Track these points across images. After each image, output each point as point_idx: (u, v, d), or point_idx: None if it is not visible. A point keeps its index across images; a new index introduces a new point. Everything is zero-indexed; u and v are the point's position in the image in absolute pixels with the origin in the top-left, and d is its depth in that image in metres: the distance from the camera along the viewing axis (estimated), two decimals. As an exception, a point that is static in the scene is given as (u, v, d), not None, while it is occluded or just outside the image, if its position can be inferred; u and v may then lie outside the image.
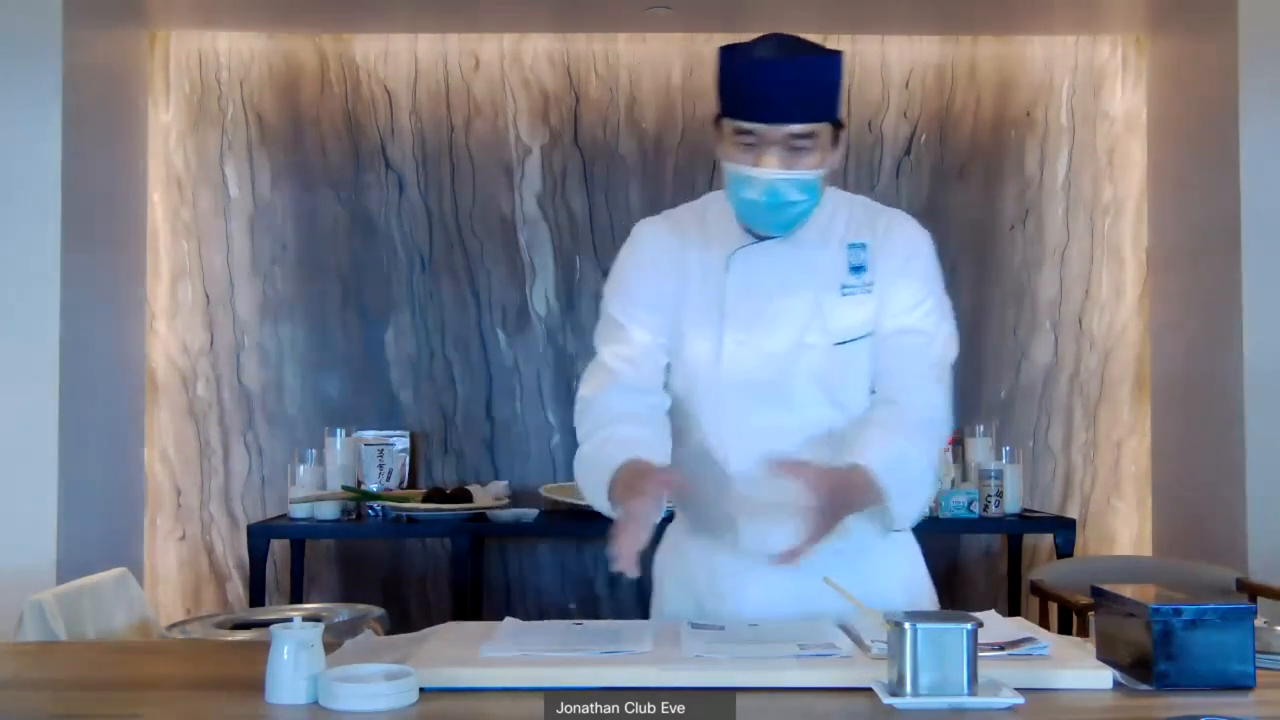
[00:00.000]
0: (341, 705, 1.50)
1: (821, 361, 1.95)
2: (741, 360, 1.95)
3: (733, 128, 1.89)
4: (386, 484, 4.21)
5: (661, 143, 4.44)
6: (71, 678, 1.81)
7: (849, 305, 1.96)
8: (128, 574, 2.62)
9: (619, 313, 2.03)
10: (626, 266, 2.05)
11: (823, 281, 1.96)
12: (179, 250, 4.39)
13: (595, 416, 1.98)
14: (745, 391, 1.96)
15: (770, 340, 1.95)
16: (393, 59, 4.43)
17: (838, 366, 1.96)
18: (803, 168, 1.87)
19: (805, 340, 1.95)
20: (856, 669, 1.62)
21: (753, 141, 1.87)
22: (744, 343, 1.95)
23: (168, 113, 4.40)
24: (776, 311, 1.95)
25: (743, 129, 1.87)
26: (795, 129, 1.85)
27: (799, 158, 1.86)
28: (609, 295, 2.06)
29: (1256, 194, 3.77)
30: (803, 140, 1.86)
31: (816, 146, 1.88)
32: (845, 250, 1.98)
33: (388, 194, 4.42)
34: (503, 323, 4.42)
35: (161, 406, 4.37)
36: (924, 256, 2.02)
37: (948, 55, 4.47)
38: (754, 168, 1.87)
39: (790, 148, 1.86)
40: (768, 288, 1.96)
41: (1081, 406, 4.47)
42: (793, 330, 1.95)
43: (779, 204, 1.89)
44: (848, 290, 1.96)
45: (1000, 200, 4.48)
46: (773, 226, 1.94)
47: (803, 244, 1.97)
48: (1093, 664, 1.67)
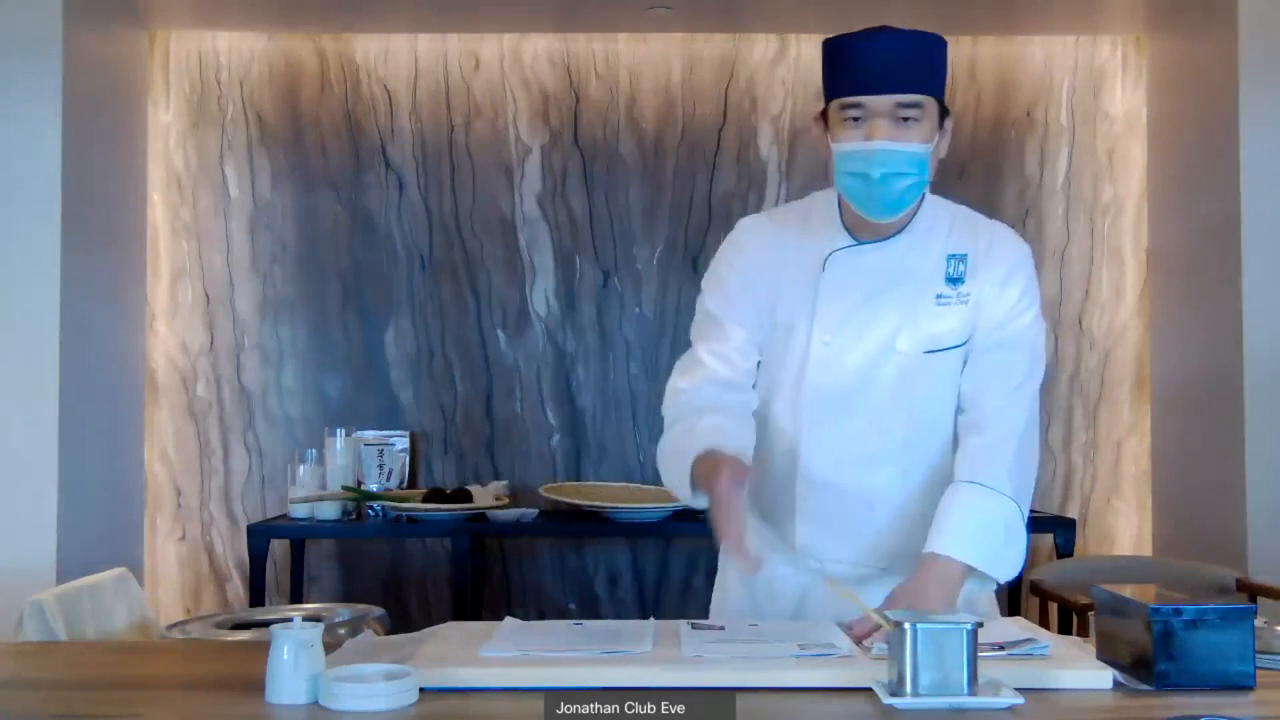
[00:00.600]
0: (341, 705, 1.50)
1: (908, 369, 1.94)
2: (828, 361, 1.95)
3: (839, 105, 1.89)
4: (386, 484, 4.21)
5: (661, 143, 4.43)
6: (71, 678, 1.81)
7: (943, 315, 1.94)
8: (128, 574, 2.62)
9: (716, 308, 2.02)
10: (726, 263, 2.04)
11: (918, 289, 1.95)
12: (179, 250, 4.39)
13: (682, 406, 1.97)
14: (827, 393, 1.95)
15: (859, 343, 1.94)
16: (393, 59, 4.43)
17: (924, 376, 1.94)
18: (911, 140, 1.86)
19: (895, 346, 1.94)
20: (856, 669, 1.62)
21: (860, 115, 1.87)
22: (832, 344, 1.94)
23: (168, 113, 4.40)
24: (868, 315, 1.94)
25: (850, 103, 1.87)
26: (902, 98, 1.86)
27: (906, 129, 1.86)
28: (707, 290, 2.05)
29: (1256, 194, 3.77)
30: (909, 110, 1.86)
31: (924, 119, 1.87)
32: (944, 260, 1.96)
33: (388, 194, 4.42)
34: (503, 323, 4.42)
35: (161, 406, 4.37)
36: (1026, 274, 1.99)
37: (948, 55, 4.46)
38: (862, 142, 1.86)
39: (897, 119, 1.86)
40: (862, 291, 1.95)
41: (1081, 406, 4.47)
42: (883, 335, 1.94)
43: (887, 176, 1.86)
44: (943, 300, 1.95)
45: (1000, 200, 4.47)
46: (880, 206, 1.90)
47: (901, 249, 1.96)
48: (1093, 664, 1.67)
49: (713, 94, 4.43)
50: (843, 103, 1.88)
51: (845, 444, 1.94)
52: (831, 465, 1.95)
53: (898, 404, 1.94)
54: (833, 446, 1.95)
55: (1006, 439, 1.91)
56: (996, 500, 1.87)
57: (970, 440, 1.92)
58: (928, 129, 1.88)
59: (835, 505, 1.96)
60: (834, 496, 1.96)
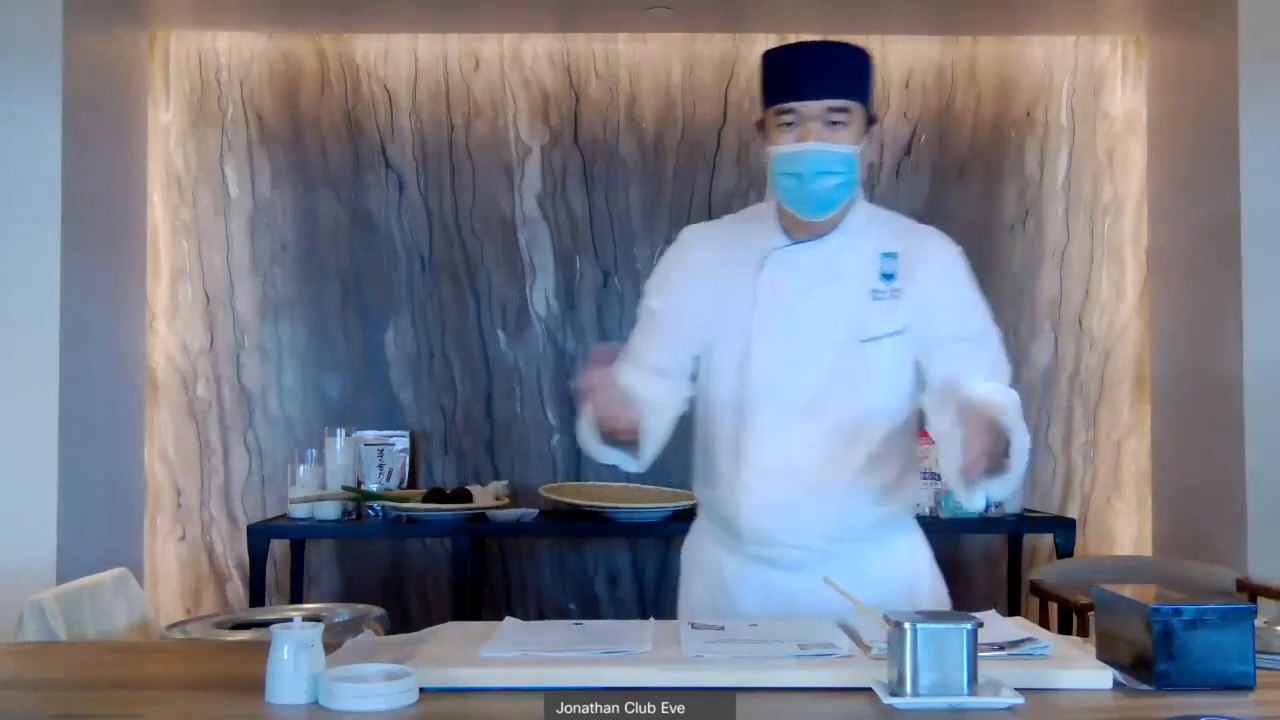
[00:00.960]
0: (341, 705, 1.50)
1: (845, 359, 2.05)
2: (768, 353, 2.06)
3: (775, 111, 2.04)
4: (386, 484, 4.21)
5: (661, 143, 4.43)
6: (71, 678, 1.81)
7: (877, 308, 2.06)
8: (128, 574, 2.62)
9: (657, 306, 2.16)
10: (669, 265, 2.20)
11: (853, 284, 2.07)
12: (179, 250, 4.39)
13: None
14: (768, 382, 2.06)
15: (797, 335, 2.05)
16: (393, 59, 4.43)
17: (861, 365, 2.05)
18: (839, 142, 2.02)
19: (831, 339, 2.05)
20: (856, 669, 1.62)
21: (793, 120, 2.02)
22: (771, 337, 2.06)
23: (168, 113, 4.40)
24: (805, 308, 2.06)
25: (784, 109, 2.02)
26: (832, 103, 2.01)
27: (835, 132, 2.02)
28: (650, 290, 2.20)
29: (1256, 194, 3.77)
30: (839, 114, 2.02)
31: (852, 123, 2.03)
32: (878, 257, 2.08)
33: (388, 194, 4.42)
34: (503, 323, 4.42)
35: (161, 406, 4.37)
36: (960, 269, 2.12)
37: (948, 55, 4.47)
38: (794, 144, 2.01)
39: (828, 123, 2.01)
40: (798, 288, 2.07)
41: (1081, 406, 4.47)
42: (819, 326, 2.05)
43: (818, 173, 2.01)
44: (878, 295, 2.07)
45: (1000, 200, 4.48)
46: (812, 204, 2.04)
47: (834, 247, 2.08)
48: (1093, 664, 1.67)
49: (713, 94, 4.43)
50: (778, 109, 2.03)
51: (786, 428, 2.04)
52: (773, 449, 2.05)
53: (835, 391, 2.05)
54: (774, 431, 2.05)
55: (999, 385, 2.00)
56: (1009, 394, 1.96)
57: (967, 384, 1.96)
58: (855, 132, 2.04)
59: (779, 489, 2.05)
60: (776, 478, 2.05)
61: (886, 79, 4.45)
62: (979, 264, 4.63)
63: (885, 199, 4.42)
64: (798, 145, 2.00)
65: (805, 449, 2.04)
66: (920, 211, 4.43)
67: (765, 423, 2.05)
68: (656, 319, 2.15)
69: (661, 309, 2.15)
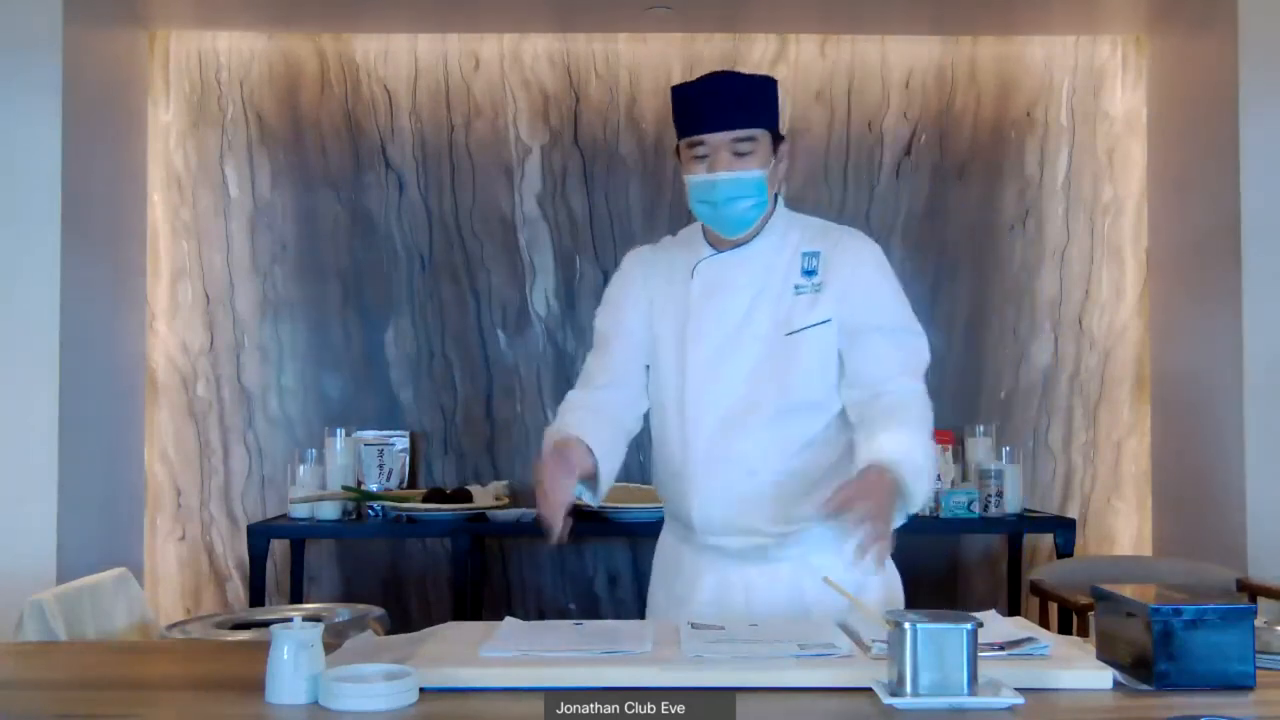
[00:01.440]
0: (341, 705, 1.50)
1: (772, 350, 2.18)
2: (701, 351, 2.20)
3: (686, 144, 2.18)
4: (386, 484, 4.21)
5: (661, 143, 4.43)
6: (71, 678, 1.81)
7: (800, 302, 2.19)
8: (128, 574, 2.62)
9: (604, 327, 2.32)
10: (613, 287, 2.35)
11: (777, 282, 2.20)
12: (179, 250, 4.39)
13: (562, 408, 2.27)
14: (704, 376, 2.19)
15: (727, 331, 2.19)
16: (393, 59, 4.43)
17: (789, 355, 2.17)
18: (747, 168, 2.15)
19: (759, 332, 2.18)
20: (856, 669, 1.62)
21: (704, 153, 2.15)
22: (703, 338, 2.20)
23: (168, 113, 4.40)
24: (733, 307, 2.20)
25: (694, 142, 2.16)
26: (737, 134, 2.14)
27: (743, 160, 2.15)
28: (599, 313, 2.35)
29: (1256, 194, 3.77)
30: (744, 145, 2.15)
31: (758, 150, 2.16)
32: (799, 256, 2.22)
33: (388, 194, 4.42)
34: (503, 323, 4.42)
35: (161, 406, 4.37)
36: (875, 263, 2.23)
37: (948, 55, 4.47)
38: (705, 174, 2.15)
39: (735, 153, 2.14)
40: (726, 289, 2.21)
41: (1081, 406, 4.47)
42: (747, 325, 2.19)
43: (729, 198, 2.15)
44: (800, 290, 2.19)
45: (1000, 200, 4.47)
46: (728, 226, 2.20)
47: (757, 252, 2.22)
48: (1093, 664, 1.67)
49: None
50: (689, 141, 2.17)
51: (723, 417, 2.17)
52: (712, 437, 2.17)
53: (766, 380, 2.17)
54: (712, 420, 2.18)
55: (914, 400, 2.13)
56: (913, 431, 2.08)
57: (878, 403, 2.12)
58: (763, 156, 2.17)
59: (720, 475, 2.17)
60: (718, 466, 2.17)
61: (886, 79, 4.46)
62: (979, 264, 4.68)
63: (885, 199, 4.43)
64: (708, 175, 2.15)
65: (741, 438, 2.16)
66: (920, 211, 4.44)
67: (703, 416, 2.18)
68: (605, 339, 2.31)
69: (607, 329, 2.31)
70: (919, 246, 4.40)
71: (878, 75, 4.46)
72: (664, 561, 2.36)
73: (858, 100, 4.44)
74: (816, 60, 4.45)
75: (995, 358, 4.45)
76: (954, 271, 4.42)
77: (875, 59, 4.46)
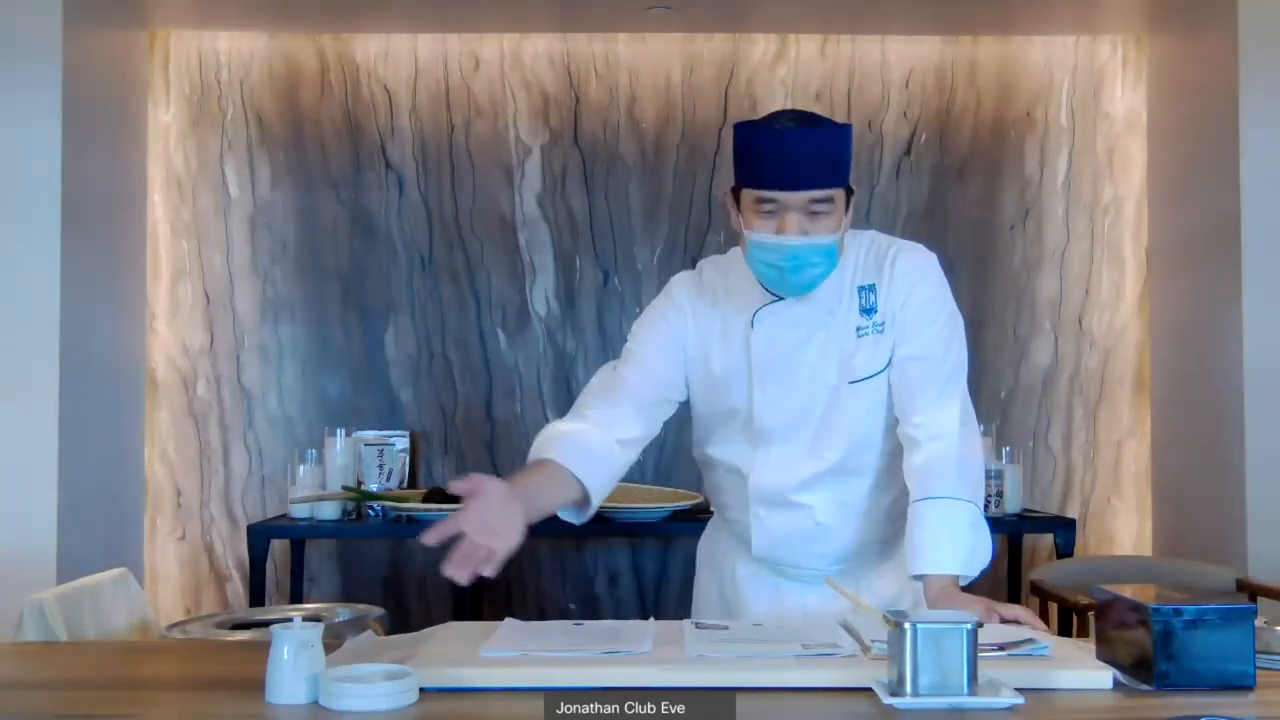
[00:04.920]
0: (341, 705, 1.50)
1: (837, 400, 2.11)
2: (767, 403, 2.12)
3: (754, 197, 1.99)
4: (386, 484, 4.21)
5: (661, 143, 4.43)
6: (71, 678, 1.81)
7: (863, 346, 2.10)
8: (128, 574, 2.62)
9: (640, 346, 2.19)
10: (659, 314, 2.20)
11: (838, 327, 2.11)
12: (179, 250, 4.39)
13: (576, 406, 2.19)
14: (769, 429, 2.13)
15: (793, 383, 2.11)
16: (393, 59, 4.43)
17: (851, 404, 2.11)
18: (821, 232, 1.99)
19: (825, 382, 2.11)
20: (856, 669, 1.62)
21: (774, 209, 1.98)
22: (769, 389, 2.11)
23: (168, 113, 4.40)
24: (798, 357, 2.11)
25: (765, 198, 1.98)
26: (815, 194, 1.97)
27: (817, 222, 1.98)
28: (636, 333, 2.22)
29: (1256, 194, 3.77)
30: (821, 205, 1.98)
31: (833, 211, 1.99)
32: (855, 293, 2.11)
33: (388, 194, 4.42)
34: (503, 323, 4.42)
35: (161, 406, 4.36)
36: (928, 283, 2.13)
37: (948, 55, 4.47)
38: (776, 235, 1.98)
39: (809, 213, 1.98)
40: (789, 340, 2.11)
41: (1081, 406, 4.46)
42: (813, 374, 2.11)
43: (800, 267, 2.01)
44: (861, 332, 2.10)
45: (1000, 200, 4.47)
46: (793, 290, 2.06)
47: (818, 296, 2.09)
48: (1093, 664, 1.67)
49: (713, 94, 4.43)
50: (758, 195, 1.99)
51: (787, 470, 2.13)
52: (777, 489, 2.14)
53: (830, 431, 2.11)
54: (777, 473, 2.13)
55: (946, 449, 2.04)
56: (955, 508, 2.01)
57: (914, 458, 2.06)
58: (836, 219, 2.00)
59: (784, 522, 2.15)
60: (782, 514, 2.15)
61: (886, 79, 4.45)
62: (979, 264, 4.68)
63: (885, 199, 4.43)
64: (777, 239, 1.98)
65: (808, 487, 2.13)
66: (920, 211, 4.44)
67: (770, 461, 2.13)
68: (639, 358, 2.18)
69: (642, 354, 2.18)
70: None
71: (878, 75, 4.46)
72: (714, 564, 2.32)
73: (858, 100, 4.44)
74: (816, 60, 4.45)
75: (995, 358, 4.45)
76: (954, 271, 4.35)
77: (875, 59, 4.46)
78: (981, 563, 2.02)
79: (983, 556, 2.02)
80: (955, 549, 1.98)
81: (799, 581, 2.19)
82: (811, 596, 2.16)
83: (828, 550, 2.16)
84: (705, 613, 2.29)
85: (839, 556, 2.17)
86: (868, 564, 2.20)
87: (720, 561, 2.30)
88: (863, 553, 2.18)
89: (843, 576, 2.12)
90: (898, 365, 2.09)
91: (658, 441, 2.32)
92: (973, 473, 2.06)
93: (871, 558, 2.20)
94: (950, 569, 1.97)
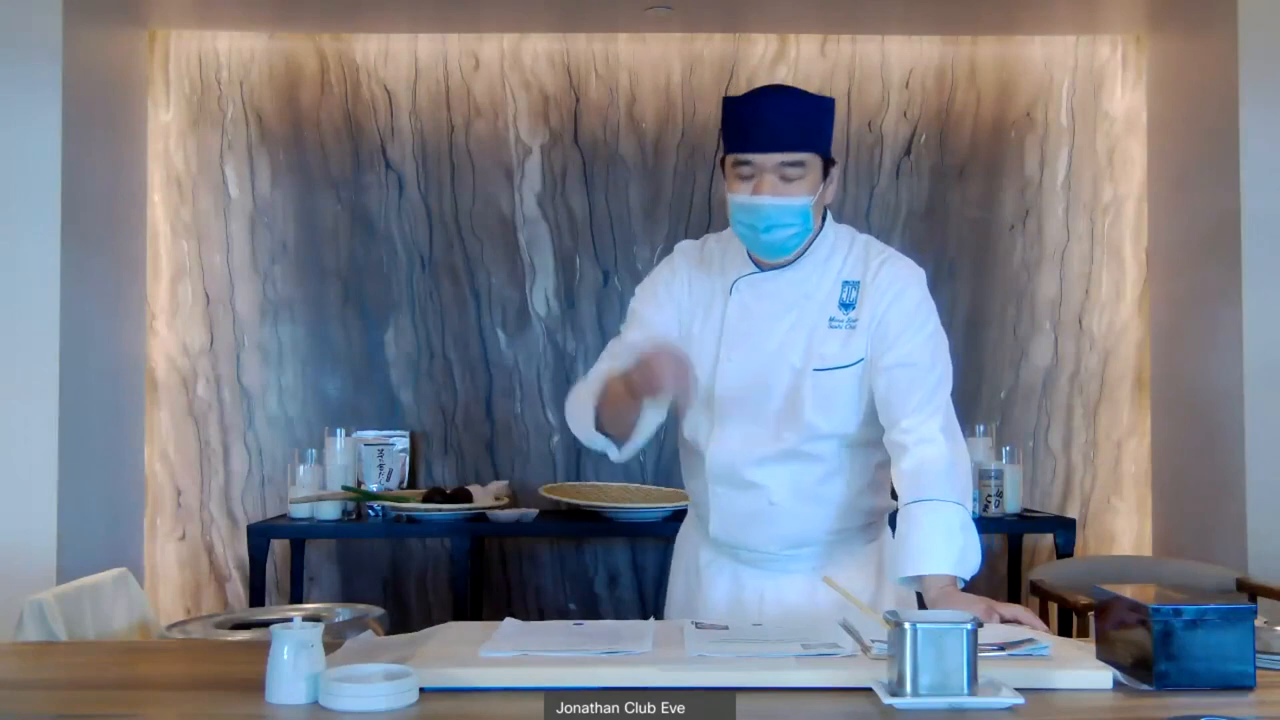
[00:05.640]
0: (341, 705, 1.50)
1: (799, 384, 2.14)
2: (730, 374, 2.16)
3: (733, 160, 2.10)
4: (386, 484, 4.21)
5: (661, 143, 4.43)
6: (71, 678, 1.81)
7: (833, 337, 2.14)
8: (128, 574, 2.62)
9: (642, 306, 2.25)
10: (660, 280, 2.27)
11: (813, 312, 2.16)
12: (179, 250, 4.39)
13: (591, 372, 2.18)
14: (729, 402, 2.17)
15: (758, 358, 2.16)
16: (393, 59, 4.43)
17: (813, 391, 2.13)
18: (793, 194, 2.07)
19: (790, 362, 2.15)
20: (857, 669, 1.62)
21: (750, 173, 2.08)
22: (734, 360, 2.16)
23: (168, 113, 4.40)
24: (767, 334, 2.16)
25: (740, 160, 2.08)
26: (786, 157, 2.06)
27: (790, 185, 2.07)
28: (639, 295, 2.28)
29: (1256, 194, 3.77)
30: (793, 170, 2.07)
31: (806, 175, 2.08)
32: (839, 285, 2.17)
33: (388, 194, 4.42)
34: (503, 323, 4.42)
35: (161, 406, 4.36)
36: (911, 295, 2.17)
37: (948, 55, 4.47)
38: (749, 196, 2.07)
39: (783, 176, 2.06)
40: (763, 313, 2.17)
41: (1081, 406, 4.47)
42: (778, 351, 2.15)
43: (771, 227, 2.08)
44: (835, 323, 2.15)
45: (1000, 200, 4.47)
46: (768, 251, 2.14)
47: (800, 276, 2.17)
48: (1093, 664, 1.67)
49: (713, 94, 4.43)
50: (735, 158, 2.09)
51: (744, 447, 2.16)
52: (731, 465, 2.17)
53: (790, 415, 2.14)
54: (733, 449, 2.17)
55: (934, 453, 2.07)
56: (946, 509, 2.05)
57: (902, 464, 2.09)
58: (811, 182, 2.08)
59: (739, 500, 2.18)
60: (737, 493, 2.18)
61: (886, 79, 4.46)
62: (979, 264, 4.68)
63: (885, 199, 4.44)
64: (751, 198, 2.07)
65: (763, 471, 2.15)
66: (920, 211, 4.44)
67: (727, 443, 2.17)
68: (642, 320, 2.23)
69: (645, 315, 2.24)
70: (919, 246, 4.39)
71: (878, 75, 4.46)
72: (682, 555, 2.37)
73: (858, 100, 4.44)
74: (816, 60, 4.45)
75: (995, 357, 4.45)
76: (954, 271, 4.42)
77: (875, 59, 4.46)
78: (972, 565, 2.04)
79: (973, 559, 2.04)
80: (948, 550, 2.01)
81: (756, 568, 2.22)
82: (768, 585, 2.20)
83: (781, 533, 2.18)
84: (675, 605, 2.33)
85: (792, 541, 2.19)
86: (823, 553, 2.21)
87: (685, 549, 2.36)
88: (817, 540, 2.20)
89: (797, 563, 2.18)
90: (884, 372, 2.11)
91: (658, 441, 2.35)
92: (961, 477, 2.09)
93: (827, 547, 2.22)
94: (944, 569, 2.00)
